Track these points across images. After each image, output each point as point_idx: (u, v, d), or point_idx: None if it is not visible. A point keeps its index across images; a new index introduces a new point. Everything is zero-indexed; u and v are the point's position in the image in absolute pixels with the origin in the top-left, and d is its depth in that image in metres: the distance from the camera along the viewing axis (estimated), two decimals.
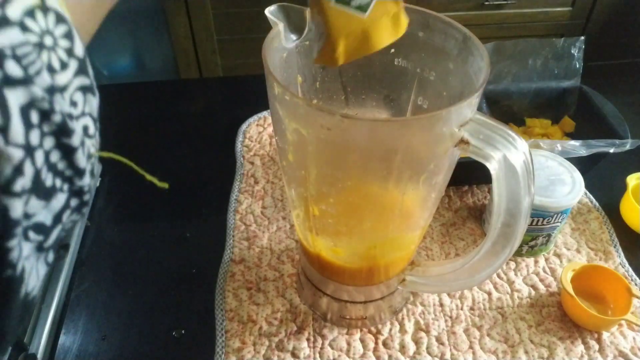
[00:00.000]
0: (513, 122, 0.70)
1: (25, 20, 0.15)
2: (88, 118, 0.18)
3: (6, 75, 0.14)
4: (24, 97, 0.15)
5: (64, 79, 0.16)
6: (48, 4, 0.16)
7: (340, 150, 0.34)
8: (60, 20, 0.16)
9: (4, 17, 0.14)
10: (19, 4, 0.15)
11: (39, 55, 0.15)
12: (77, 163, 0.17)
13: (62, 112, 0.16)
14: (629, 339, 0.49)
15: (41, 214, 0.17)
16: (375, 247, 0.41)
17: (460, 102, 0.30)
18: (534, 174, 0.33)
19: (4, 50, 0.14)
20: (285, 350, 0.48)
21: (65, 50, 0.16)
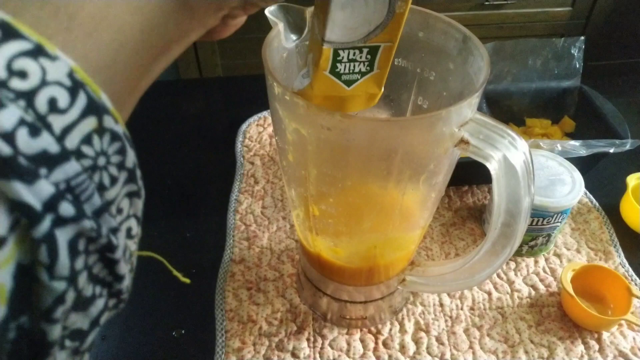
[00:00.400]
0: (513, 122, 0.70)
1: (81, 148, 0.14)
2: (132, 220, 0.18)
3: (59, 217, 0.14)
4: (72, 232, 0.14)
5: (112, 194, 0.16)
6: (105, 124, 0.15)
7: (340, 150, 0.34)
8: (114, 138, 0.16)
9: (62, 151, 0.14)
10: (78, 132, 0.14)
11: (91, 179, 0.15)
12: (118, 271, 0.17)
13: (108, 230, 0.16)
14: (629, 339, 0.49)
15: (78, 322, 0.16)
16: (375, 247, 0.41)
17: (460, 102, 0.30)
18: (534, 174, 0.33)
19: (59, 187, 0.14)
20: (285, 350, 0.48)
21: (116, 166, 0.16)
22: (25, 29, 0.13)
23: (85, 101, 0.14)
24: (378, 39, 0.30)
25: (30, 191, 0.13)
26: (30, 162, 0.13)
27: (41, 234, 0.13)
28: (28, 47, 0.13)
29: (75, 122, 0.14)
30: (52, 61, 0.14)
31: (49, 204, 0.13)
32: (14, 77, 0.13)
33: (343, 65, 0.31)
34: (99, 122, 0.15)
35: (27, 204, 0.13)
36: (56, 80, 0.14)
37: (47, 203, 0.13)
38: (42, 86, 0.13)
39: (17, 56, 0.13)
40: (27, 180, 0.13)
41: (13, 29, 0.13)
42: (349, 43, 0.30)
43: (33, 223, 0.13)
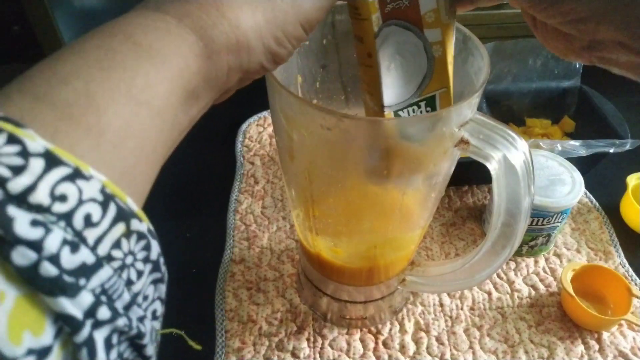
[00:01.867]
0: (513, 122, 0.70)
1: (112, 252, 0.16)
2: (157, 302, 0.19)
3: (97, 321, 0.15)
4: (108, 330, 0.15)
5: (139, 286, 0.17)
6: (132, 228, 0.16)
7: (340, 150, 0.34)
8: (140, 237, 0.17)
9: (97, 260, 0.15)
10: (109, 239, 0.16)
11: (120, 277, 0.16)
12: (146, 353, 0.18)
13: (137, 321, 0.17)
14: (629, 339, 0.49)
15: None
16: (375, 247, 0.41)
17: (461, 102, 0.30)
18: (534, 174, 0.33)
19: (95, 292, 0.15)
20: (285, 350, 0.48)
21: (142, 261, 0.17)
22: (65, 155, 0.15)
23: (115, 211, 0.16)
24: (430, 88, 0.31)
25: (74, 303, 0.14)
26: (72, 277, 0.14)
27: (83, 338, 0.15)
28: (68, 172, 0.15)
29: (107, 231, 0.16)
30: (87, 181, 0.15)
31: (89, 312, 0.15)
32: (56, 201, 0.14)
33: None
34: (127, 227, 0.16)
35: (70, 315, 0.14)
36: (91, 198, 0.15)
37: (88, 311, 0.15)
38: (79, 205, 0.15)
39: (59, 182, 0.15)
40: (71, 295, 0.14)
41: (55, 157, 0.15)
42: (406, 102, 0.30)
43: (76, 331, 0.14)
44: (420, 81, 0.30)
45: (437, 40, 0.29)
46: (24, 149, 0.14)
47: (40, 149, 0.15)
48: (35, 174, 0.14)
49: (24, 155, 0.14)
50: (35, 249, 0.14)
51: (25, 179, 0.14)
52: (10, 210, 0.13)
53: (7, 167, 0.14)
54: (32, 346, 0.14)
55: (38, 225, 0.14)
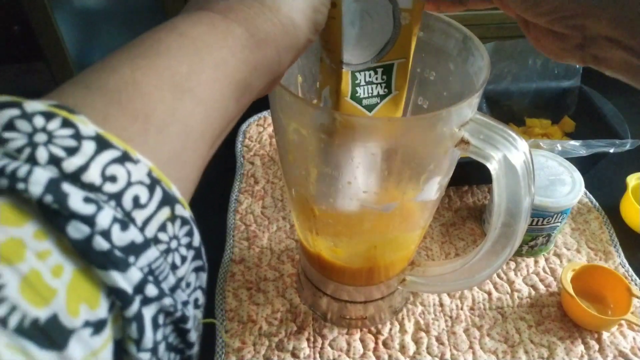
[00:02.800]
0: (513, 122, 0.70)
1: (158, 235, 0.16)
2: (198, 291, 0.20)
3: (145, 297, 0.16)
4: (155, 309, 0.16)
5: (182, 271, 0.18)
6: (176, 213, 0.17)
7: (339, 150, 0.34)
8: (184, 223, 0.18)
9: (145, 240, 0.16)
10: (155, 222, 0.16)
11: (165, 260, 0.17)
12: (190, 339, 0.19)
13: (181, 303, 0.18)
14: (629, 339, 0.49)
15: None
16: (375, 247, 0.41)
17: (461, 102, 0.30)
18: (534, 174, 0.33)
19: (144, 271, 0.16)
20: (285, 350, 0.48)
21: (185, 246, 0.18)
22: (114, 139, 0.16)
23: (161, 195, 0.17)
24: (390, 56, 0.31)
25: (124, 278, 0.15)
26: (122, 253, 0.15)
27: (132, 313, 0.15)
28: (117, 155, 0.16)
29: (153, 213, 0.16)
30: (135, 164, 0.16)
31: (138, 287, 0.15)
32: (107, 182, 0.15)
33: (362, 89, 0.31)
34: (171, 211, 0.17)
35: (121, 289, 0.15)
36: (138, 180, 0.16)
37: (137, 287, 0.15)
38: (128, 187, 0.16)
39: (109, 164, 0.15)
40: (122, 269, 0.15)
41: (105, 140, 0.16)
42: (364, 64, 0.30)
43: (126, 305, 0.15)
44: (382, 46, 0.30)
45: (407, 8, 0.29)
46: (77, 132, 0.15)
47: (91, 132, 0.15)
48: (88, 155, 0.15)
49: (77, 137, 0.15)
50: (89, 223, 0.14)
51: (79, 160, 0.15)
52: (65, 187, 0.14)
53: (62, 148, 0.15)
54: (89, 319, 0.14)
55: (90, 202, 0.15)
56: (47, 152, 0.15)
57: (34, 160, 0.14)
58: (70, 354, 0.14)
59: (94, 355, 0.14)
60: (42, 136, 0.15)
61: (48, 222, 0.14)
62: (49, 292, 0.14)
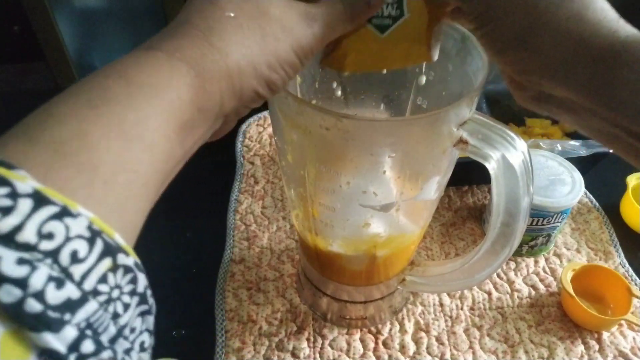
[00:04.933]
0: (513, 122, 0.70)
1: (98, 287, 0.16)
2: (145, 334, 0.19)
3: (81, 354, 0.15)
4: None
5: (125, 318, 0.17)
6: (119, 262, 0.17)
7: (339, 150, 0.34)
8: (127, 271, 0.17)
9: (83, 295, 0.15)
10: (95, 274, 0.16)
11: (106, 311, 0.16)
12: None
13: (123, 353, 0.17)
14: (629, 339, 0.49)
15: None
16: (375, 247, 0.41)
17: (459, 102, 0.30)
18: (533, 173, 0.33)
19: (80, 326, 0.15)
20: (285, 350, 0.48)
21: (128, 294, 0.17)
22: (54, 194, 0.15)
23: (102, 246, 0.16)
24: None
25: (57, 338, 0.15)
26: (56, 312, 0.15)
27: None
28: (55, 211, 0.15)
29: (93, 266, 0.16)
30: (74, 218, 0.16)
31: (72, 346, 0.15)
32: (43, 240, 0.15)
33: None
34: (113, 261, 0.17)
35: (54, 350, 0.14)
36: (78, 234, 0.16)
37: (72, 345, 0.15)
38: (66, 242, 0.15)
39: (46, 221, 0.15)
40: (55, 329, 0.14)
41: (43, 196, 0.15)
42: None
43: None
44: None
45: None
46: (13, 191, 0.15)
47: (29, 189, 0.15)
48: (23, 214, 0.15)
49: (13, 196, 0.15)
50: (21, 286, 0.14)
51: (13, 219, 0.15)
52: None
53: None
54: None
55: (24, 264, 0.14)
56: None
57: None
58: None
59: None
60: None
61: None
62: None
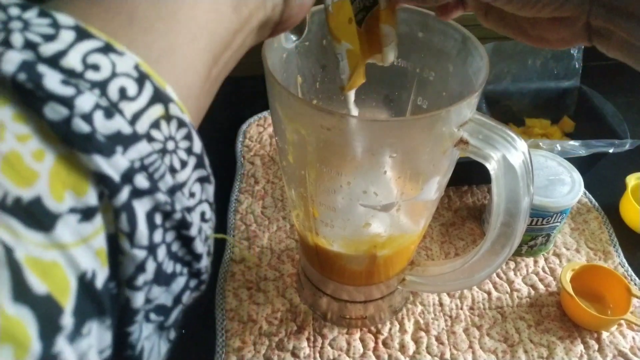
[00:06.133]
0: (513, 122, 0.70)
1: (151, 132, 0.16)
2: (205, 204, 0.19)
3: (135, 188, 0.15)
4: (149, 204, 0.16)
5: (183, 177, 0.17)
6: (171, 112, 0.17)
7: (339, 151, 0.34)
8: (181, 125, 0.17)
9: (134, 133, 0.15)
10: (147, 118, 0.16)
11: (162, 160, 0.16)
12: (195, 249, 0.18)
13: (182, 208, 0.17)
14: (629, 339, 0.49)
15: (162, 297, 0.18)
16: (375, 246, 0.41)
17: (460, 103, 0.30)
18: (533, 173, 0.33)
19: (134, 164, 0.15)
20: (286, 349, 0.48)
21: (185, 150, 0.17)
22: (95, 31, 0.15)
23: (151, 91, 0.16)
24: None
25: (109, 163, 0.14)
26: (106, 139, 0.15)
27: (121, 202, 0.15)
28: (99, 45, 0.15)
29: (144, 108, 0.16)
30: (120, 56, 0.15)
31: (125, 176, 0.15)
32: (89, 69, 0.15)
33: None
34: (165, 110, 0.16)
35: (106, 175, 0.14)
36: (124, 72, 0.15)
37: (124, 175, 0.15)
38: (113, 77, 0.15)
39: (90, 52, 0.15)
40: (105, 154, 0.14)
41: (85, 31, 0.15)
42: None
43: (113, 193, 0.15)
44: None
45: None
46: (55, 21, 0.15)
47: (70, 22, 0.15)
48: (66, 42, 0.15)
49: (55, 26, 0.15)
50: (67, 105, 0.14)
51: (56, 45, 0.14)
52: (41, 68, 0.14)
53: (39, 35, 0.14)
54: (75, 205, 0.14)
55: (69, 85, 0.14)
56: (22, 38, 0.14)
57: (8, 44, 0.14)
58: (58, 236, 0.14)
59: (85, 242, 0.14)
60: (18, 23, 0.14)
61: (26, 107, 0.14)
62: (31, 174, 0.13)
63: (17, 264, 0.13)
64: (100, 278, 0.15)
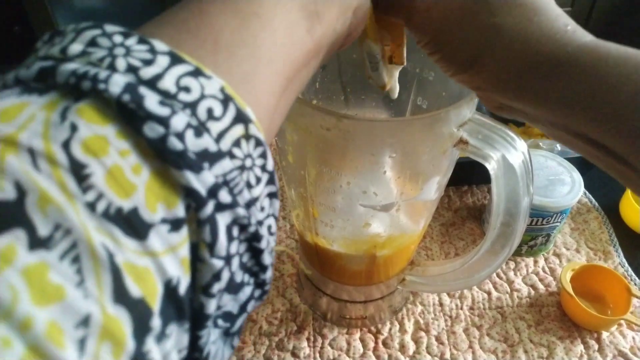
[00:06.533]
0: (512, 122, 0.70)
1: (233, 150, 0.17)
2: (272, 218, 0.20)
3: (219, 202, 0.16)
4: (229, 218, 0.17)
5: (257, 192, 0.18)
6: (250, 132, 0.18)
7: (339, 151, 0.34)
8: (258, 143, 0.18)
9: (219, 150, 0.16)
10: (229, 137, 0.17)
11: (241, 176, 0.17)
12: (263, 261, 0.19)
13: (255, 222, 0.18)
14: (629, 339, 0.49)
15: (229, 305, 0.19)
16: (375, 247, 0.41)
17: (459, 103, 0.30)
18: (533, 173, 0.33)
19: (218, 179, 0.16)
20: (286, 349, 0.48)
21: (260, 167, 0.18)
22: (186, 56, 0.17)
23: (234, 111, 0.17)
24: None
25: (198, 179, 0.16)
26: (196, 157, 0.16)
27: (206, 215, 0.16)
28: (190, 69, 0.17)
29: (228, 128, 0.17)
30: (208, 79, 0.17)
31: (211, 191, 0.16)
32: (181, 91, 0.16)
33: None
34: (245, 129, 0.18)
35: (195, 189, 0.16)
36: (211, 94, 0.17)
37: (210, 190, 0.16)
38: (202, 99, 0.16)
39: (182, 76, 0.16)
40: (195, 170, 0.16)
41: (178, 57, 0.17)
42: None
43: (200, 206, 0.16)
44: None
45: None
46: (152, 48, 0.16)
47: (165, 49, 0.17)
48: (162, 67, 0.16)
49: (153, 52, 0.16)
50: (163, 124, 0.15)
51: (154, 69, 0.16)
52: (142, 90, 0.15)
53: (139, 60, 0.16)
54: (166, 216, 0.15)
55: (165, 106, 0.16)
56: (125, 62, 0.16)
57: (114, 68, 0.16)
58: (151, 244, 0.15)
59: (173, 251, 0.16)
60: (121, 50, 0.16)
61: (127, 125, 0.15)
62: (130, 187, 0.15)
63: (117, 268, 0.14)
64: (183, 285, 0.16)
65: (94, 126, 0.15)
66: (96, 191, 0.14)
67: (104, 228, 0.14)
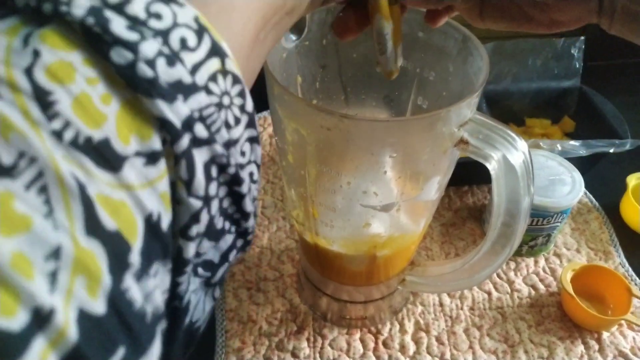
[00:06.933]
0: (513, 122, 0.70)
1: (209, 84, 0.16)
2: (254, 165, 0.20)
3: (195, 137, 0.16)
4: (207, 155, 0.16)
5: (237, 133, 0.18)
6: (227, 67, 0.17)
7: (339, 151, 0.34)
8: (236, 81, 0.18)
9: (194, 83, 0.16)
10: (205, 70, 0.16)
11: (219, 114, 0.17)
12: (244, 208, 0.19)
13: (235, 164, 0.18)
14: (629, 339, 0.49)
15: (210, 253, 0.19)
16: (375, 247, 0.41)
17: (460, 102, 0.30)
18: (534, 173, 0.33)
19: (194, 114, 0.16)
20: (285, 350, 0.48)
21: (239, 107, 0.18)
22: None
23: (209, 44, 0.16)
24: None
25: (171, 109, 0.15)
26: (169, 87, 0.15)
27: (181, 149, 0.15)
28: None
29: (203, 60, 0.16)
30: (181, 7, 0.16)
31: (186, 123, 0.15)
32: (152, 17, 0.15)
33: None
34: (222, 64, 0.17)
35: (169, 120, 0.15)
36: (185, 23, 0.16)
37: (185, 122, 0.15)
38: (174, 27, 0.16)
39: (153, 1, 0.15)
40: (168, 100, 0.15)
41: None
42: None
43: (175, 139, 0.15)
44: None
45: None
46: None
47: None
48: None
49: None
50: (132, 50, 0.14)
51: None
52: (107, 13, 0.15)
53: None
54: (140, 149, 0.15)
55: (133, 30, 0.15)
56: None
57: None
58: (126, 177, 0.14)
59: (151, 185, 0.15)
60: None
61: (94, 53, 0.15)
62: (100, 116, 0.14)
63: (89, 199, 0.13)
64: (165, 221, 0.15)
65: (59, 52, 0.14)
66: (62, 119, 0.13)
67: (73, 157, 0.13)
